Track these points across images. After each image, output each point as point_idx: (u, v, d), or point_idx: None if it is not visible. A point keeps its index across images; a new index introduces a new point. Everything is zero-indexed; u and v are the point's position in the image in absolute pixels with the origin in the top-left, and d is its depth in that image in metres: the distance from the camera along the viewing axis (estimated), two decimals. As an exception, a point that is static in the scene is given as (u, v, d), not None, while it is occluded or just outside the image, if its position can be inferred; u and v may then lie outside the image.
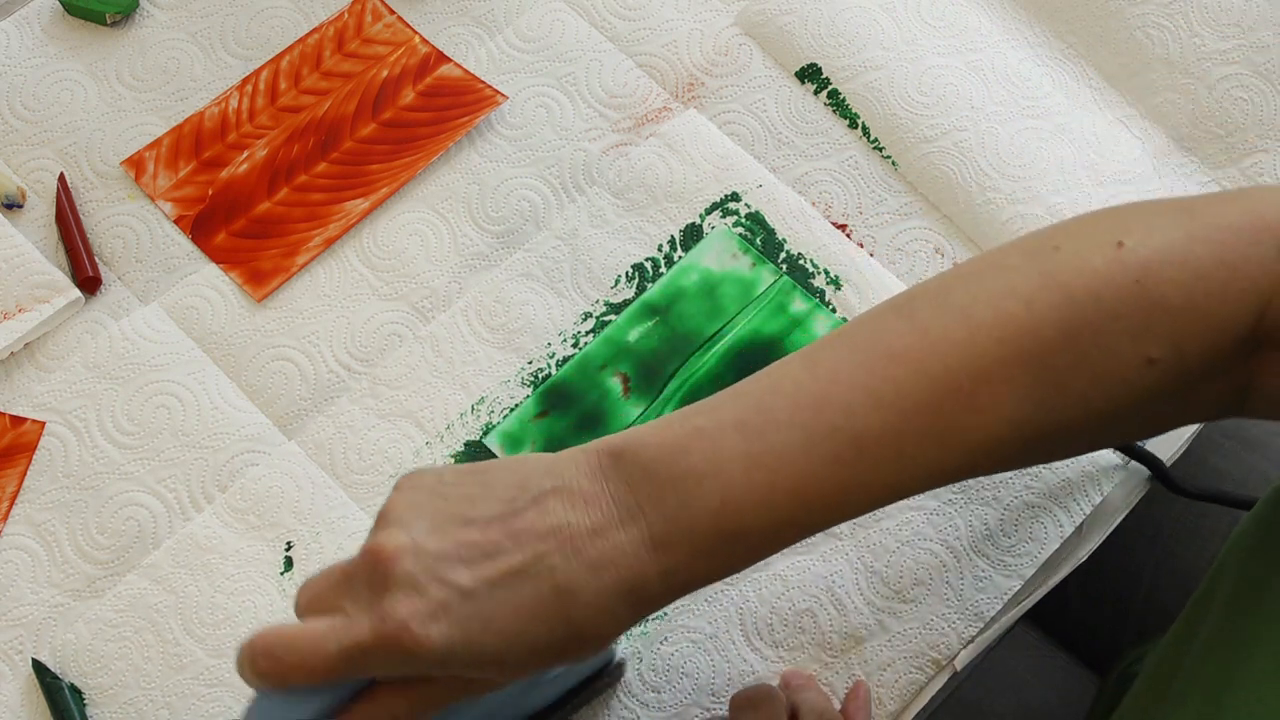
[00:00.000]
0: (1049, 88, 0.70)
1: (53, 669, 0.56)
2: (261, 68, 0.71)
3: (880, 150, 0.68)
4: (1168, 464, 0.62)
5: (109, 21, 0.71)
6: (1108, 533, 0.60)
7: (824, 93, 0.70)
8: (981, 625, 0.58)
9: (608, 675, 0.55)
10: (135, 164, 0.68)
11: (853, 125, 0.69)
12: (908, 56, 0.70)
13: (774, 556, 0.59)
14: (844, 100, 0.69)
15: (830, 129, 0.70)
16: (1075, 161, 0.68)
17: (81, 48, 0.71)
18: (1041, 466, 0.61)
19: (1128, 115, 0.70)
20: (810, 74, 0.70)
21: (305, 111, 0.69)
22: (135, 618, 0.57)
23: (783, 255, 0.66)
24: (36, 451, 0.61)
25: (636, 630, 0.58)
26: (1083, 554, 0.60)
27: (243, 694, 0.56)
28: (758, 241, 0.66)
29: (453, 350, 0.64)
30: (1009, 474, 0.61)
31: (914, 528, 0.60)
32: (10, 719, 0.56)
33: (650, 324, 0.64)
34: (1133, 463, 0.62)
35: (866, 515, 0.60)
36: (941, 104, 0.69)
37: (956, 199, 0.67)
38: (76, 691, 0.56)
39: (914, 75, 0.69)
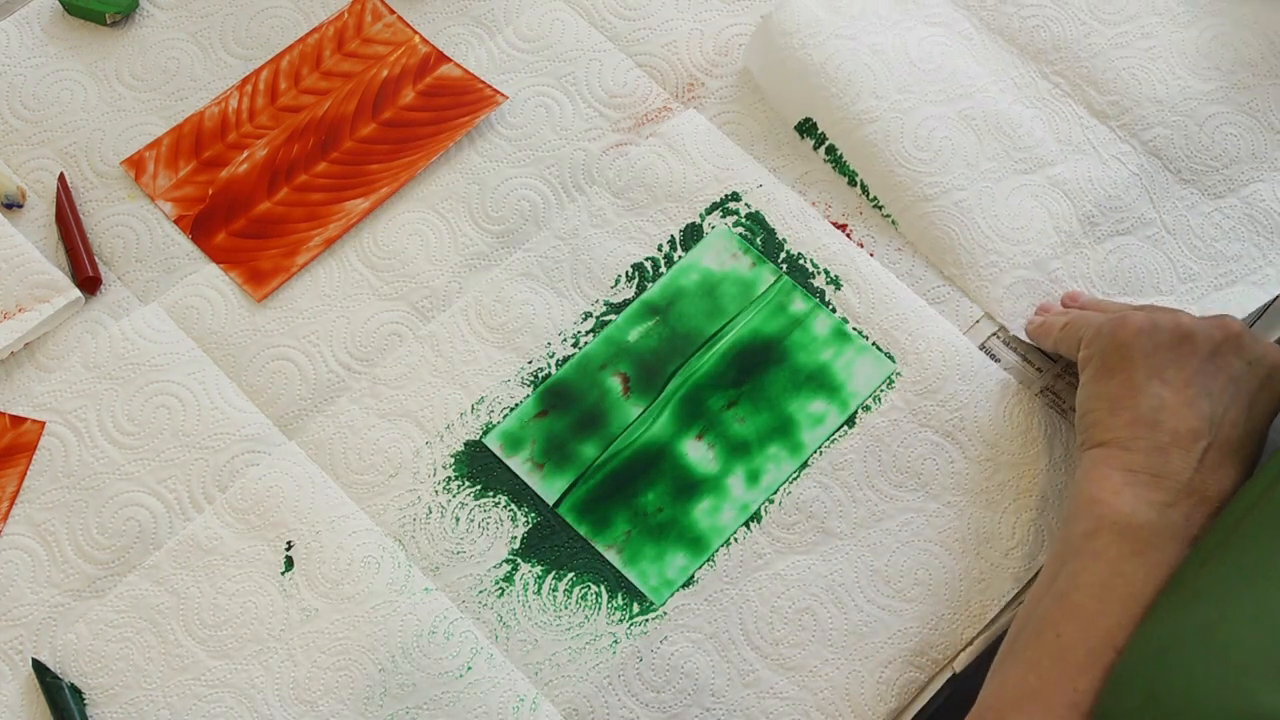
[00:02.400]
0: (1040, 132, 0.69)
1: (53, 669, 0.56)
2: (261, 68, 0.71)
3: (880, 209, 0.68)
4: None
5: (109, 21, 0.71)
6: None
7: (822, 148, 0.69)
8: (981, 627, 0.58)
9: None
10: (135, 164, 0.68)
11: (851, 183, 0.68)
12: (901, 107, 0.69)
13: (774, 556, 0.59)
14: (841, 157, 0.68)
15: (830, 129, 0.69)
16: (1071, 215, 0.67)
17: (81, 48, 0.71)
18: (1040, 468, 0.61)
19: (1122, 152, 0.69)
20: (807, 129, 0.69)
21: (305, 111, 0.69)
22: (136, 618, 0.57)
23: (783, 255, 0.66)
24: (36, 451, 0.61)
25: (637, 630, 0.58)
26: (1082, 553, 0.60)
27: (245, 696, 0.56)
28: (758, 241, 0.66)
29: (452, 350, 0.64)
30: (1009, 475, 0.61)
31: (914, 528, 0.60)
32: (10, 719, 0.56)
33: (650, 324, 0.64)
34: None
35: (867, 515, 0.60)
36: (938, 160, 0.68)
37: (960, 260, 0.66)
38: (77, 691, 0.56)
39: (909, 129, 0.68)
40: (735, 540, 0.60)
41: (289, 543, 0.59)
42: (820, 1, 0.71)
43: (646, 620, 0.58)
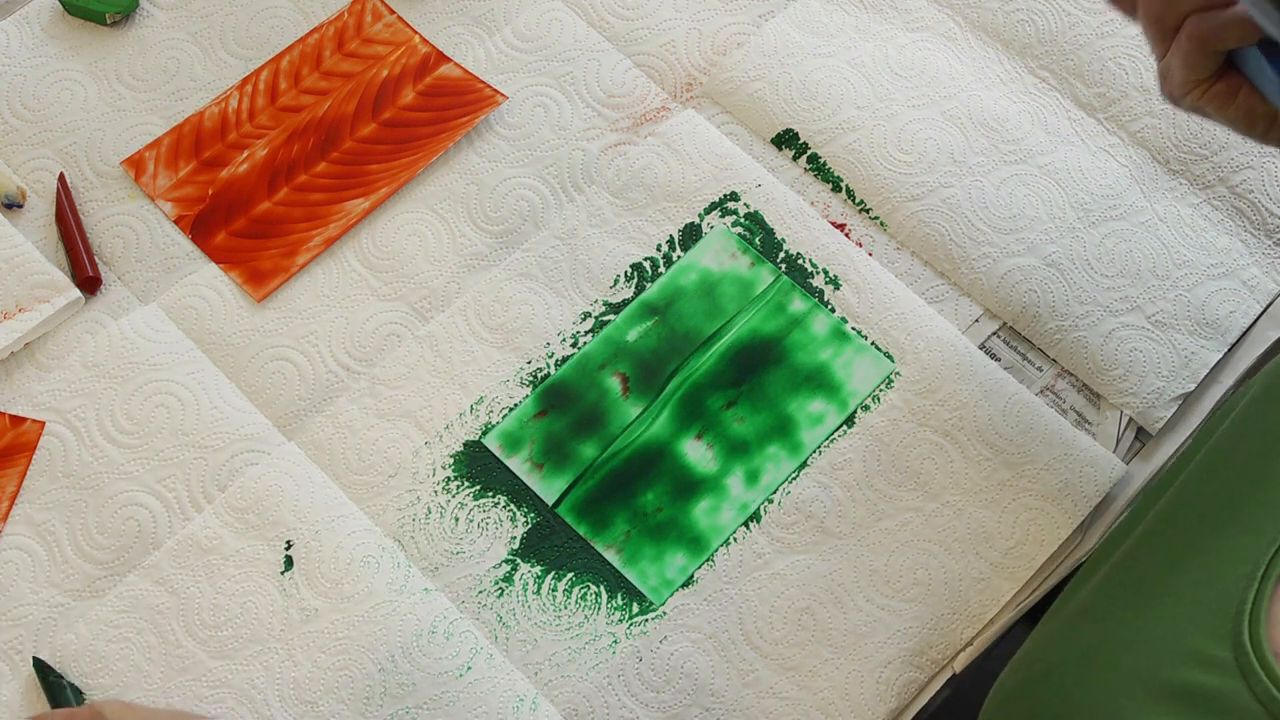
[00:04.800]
0: (1028, 125, 0.70)
1: (54, 668, 0.56)
2: (261, 68, 0.71)
3: (867, 212, 0.68)
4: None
5: (109, 21, 0.71)
6: (1109, 530, 0.60)
7: (803, 158, 0.69)
8: (980, 627, 0.58)
9: None
10: (135, 164, 0.68)
11: (836, 189, 0.68)
12: (883, 114, 0.69)
13: (773, 556, 0.59)
14: (824, 164, 0.68)
15: (830, 128, 0.69)
16: (1065, 203, 0.67)
17: (81, 48, 0.71)
18: (1040, 468, 0.61)
19: (1110, 144, 0.70)
20: (787, 140, 0.69)
21: (305, 111, 0.69)
22: (136, 618, 0.57)
23: (781, 255, 0.66)
24: (36, 451, 0.61)
25: (637, 630, 0.58)
26: (1084, 552, 0.60)
27: (245, 696, 0.56)
28: (756, 241, 0.66)
29: (452, 350, 0.64)
30: (1009, 475, 0.61)
31: (913, 529, 0.60)
32: (10, 719, 0.56)
33: (649, 324, 0.64)
34: (1134, 462, 0.62)
35: (866, 515, 0.60)
36: (924, 160, 0.68)
37: (951, 256, 0.66)
38: (77, 691, 0.56)
39: (892, 133, 0.69)
40: (735, 540, 0.60)
41: (288, 542, 0.59)
42: (797, 23, 0.72)
43: (646, 620, 0.58)
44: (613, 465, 0.61)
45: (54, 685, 0.55)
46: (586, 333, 0.64)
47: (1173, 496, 0.49)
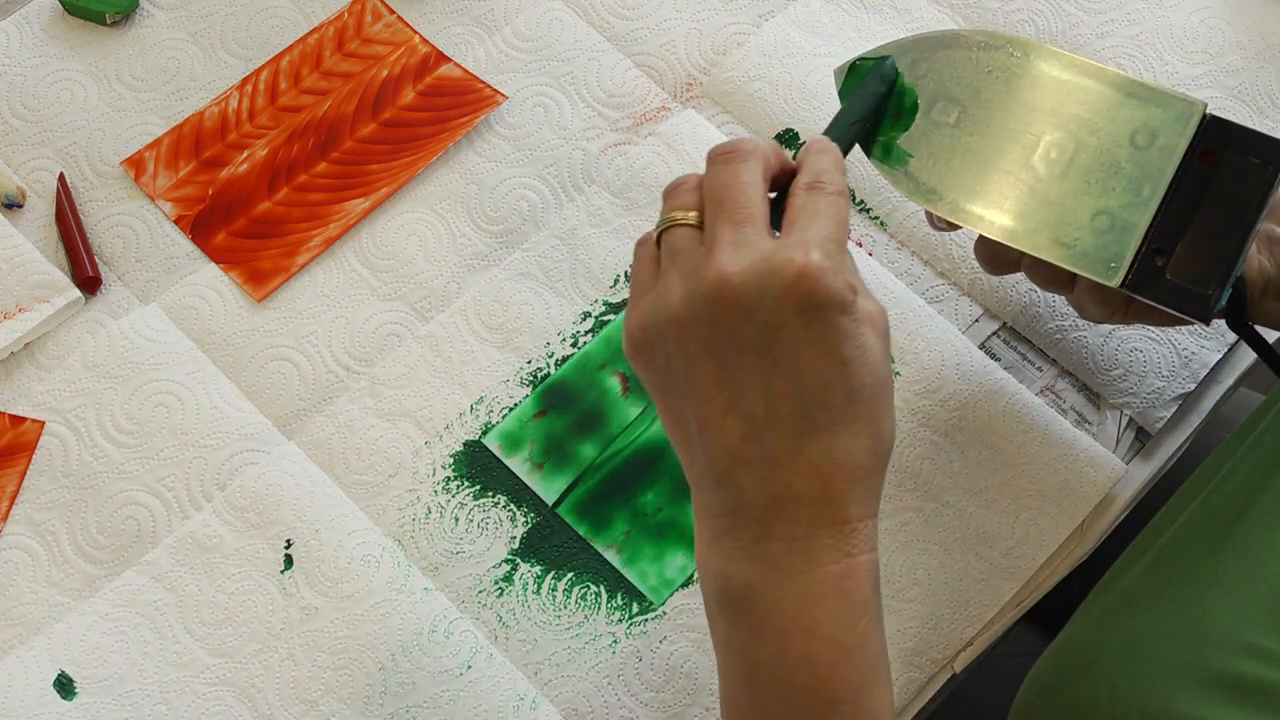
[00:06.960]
0: None
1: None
2: (261, 67, 0.71)
3: (867, 212, 0.68)
4: (1172, 462, 0.62)
5: (109, 21, 0.71)
6: (1109, 530, 0.60)
7: None
8: (980, 627, 0.58)
9: None
10: (135, 164, 0.68)
11: None
12: None
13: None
14: None
15: (829, 128, 0.69)
16: None
17: (81, 48, 0.71)
18: (1040, 468, 0.61)
19: None
20: (788, 140, 0.69)
21: (305, 111, 0.69)
22: (133, 613, 0.57)
23: (782, 255, 0.66)
24: (36, 451, 0.61)
25: (637, 630, 0.58)
26: (1084, 551, 0.60)
27: (245, 694, 0.56)
28: (757, 241, 0.66)
29: (451, 350, 0.64)
30: (1009, 475, 0.61)
31: (913, 529, 0.60)
32: (11, 718, 0.56)
33: (649, 323, 0.64)
34: (1134, 462, 0.62)
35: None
36: None
37: (952, 255, 0.66)
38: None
39: None
40: (734, 540, 0.60)
41: (288, 541, 0.59)
42: (797, 23, 0.72)
43: (646, 620, 0.58)
44: (613, 465, 0.61)
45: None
46: (586, 332, 0.64)
47: (1216, 489, 0.49)
